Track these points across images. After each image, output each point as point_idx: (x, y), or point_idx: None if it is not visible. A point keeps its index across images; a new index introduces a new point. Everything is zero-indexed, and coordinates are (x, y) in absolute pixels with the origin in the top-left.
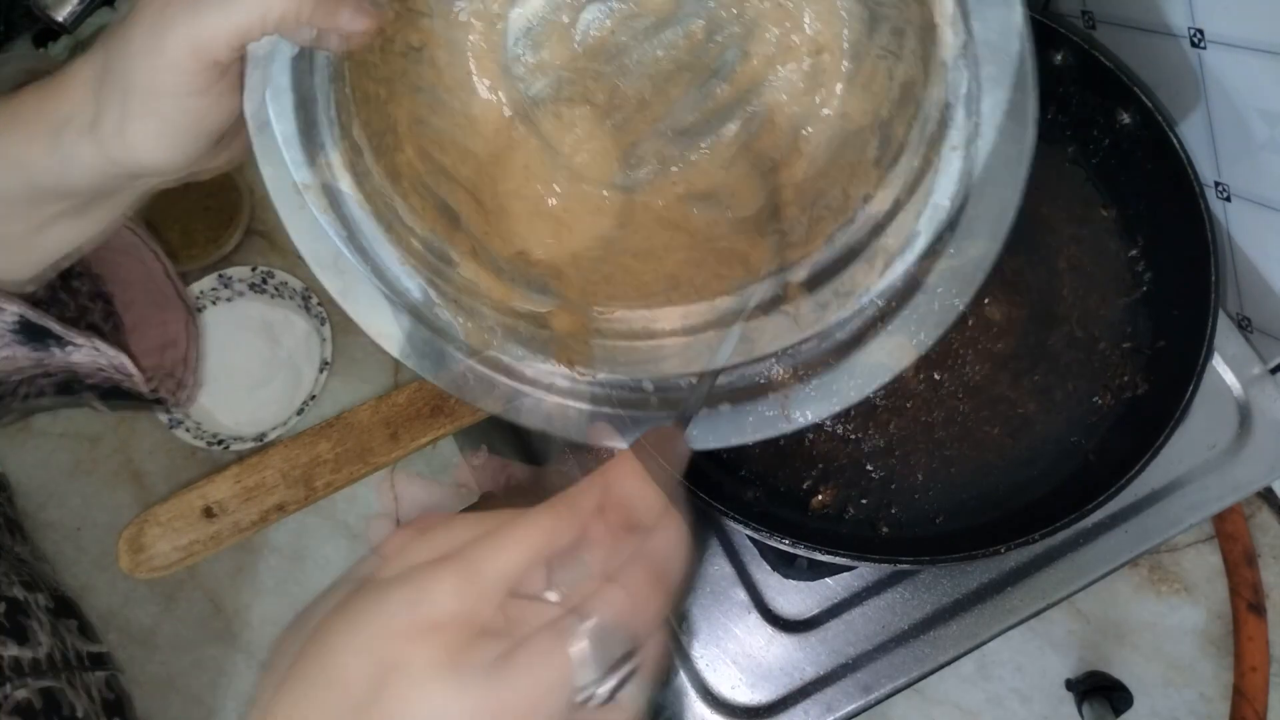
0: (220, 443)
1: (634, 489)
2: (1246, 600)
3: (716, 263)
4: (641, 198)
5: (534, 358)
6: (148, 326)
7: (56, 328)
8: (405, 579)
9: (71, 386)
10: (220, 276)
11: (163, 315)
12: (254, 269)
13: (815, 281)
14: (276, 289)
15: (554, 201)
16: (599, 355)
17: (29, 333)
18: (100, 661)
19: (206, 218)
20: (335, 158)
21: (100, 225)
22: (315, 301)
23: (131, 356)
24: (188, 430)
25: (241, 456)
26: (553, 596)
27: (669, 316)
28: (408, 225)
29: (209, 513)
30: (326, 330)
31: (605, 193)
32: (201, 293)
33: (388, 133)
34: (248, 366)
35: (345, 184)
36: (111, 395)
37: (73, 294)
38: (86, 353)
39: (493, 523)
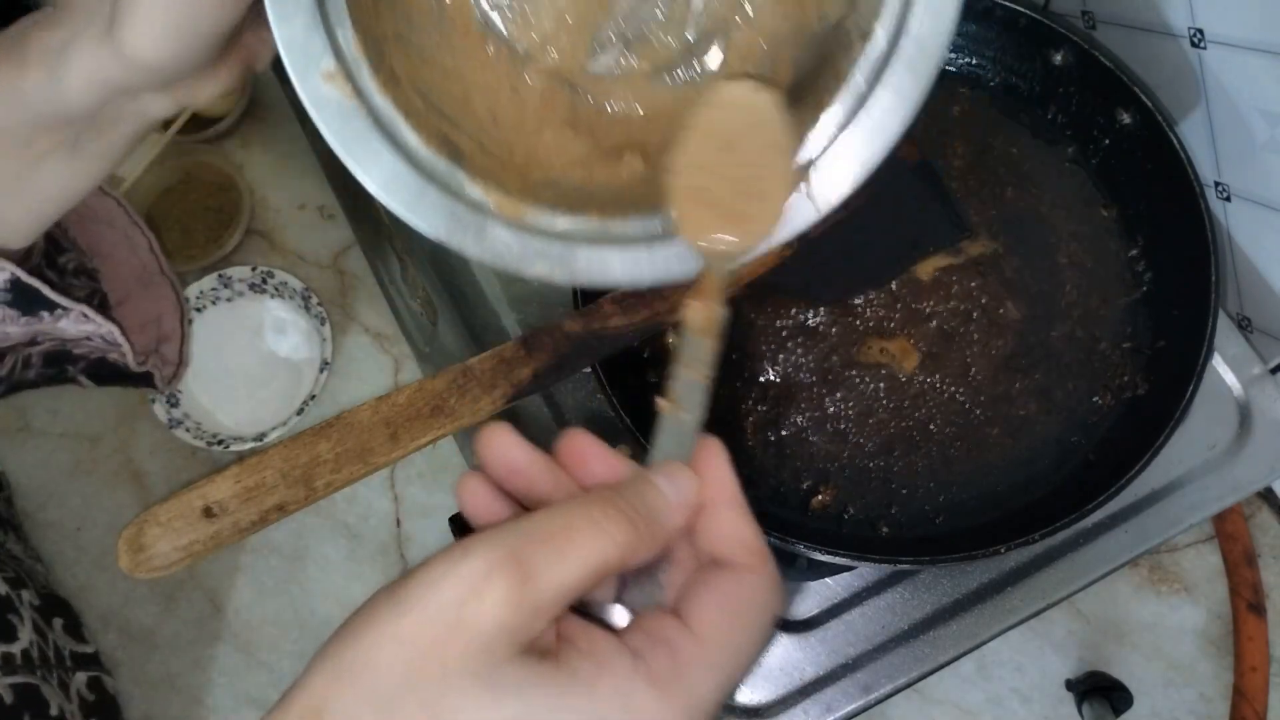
0: (220, 443)
1: (732, 521)
2: (1246, 600)
3: None
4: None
5: (568, 217)
6: (134, 303)
7: (46, 291)
8: (459, 575)
9: (59, 359)
10: (220, 276)
11: (148, 292)
12: (254, 269)
13: (800, 92)
14: (276, 289)
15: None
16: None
17: (20, 297)
18: (87, 662)
19: (206, 218)
20: (352, 45)
21: (92, 168)
22: (315, 301)
23: (120, 327)
24: (188, 430)
25: (241, 456)
26: (619, 614)
27: None
28: (428, 111)
29: (209, 513)
30: (326, 330)
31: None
32: (201, 293)
33: (382, 41)
34: (248, 366)
35: (364, 72)
36: (99, 371)
37: (59, 271)
38: (75, 319)
39: (563, 522)
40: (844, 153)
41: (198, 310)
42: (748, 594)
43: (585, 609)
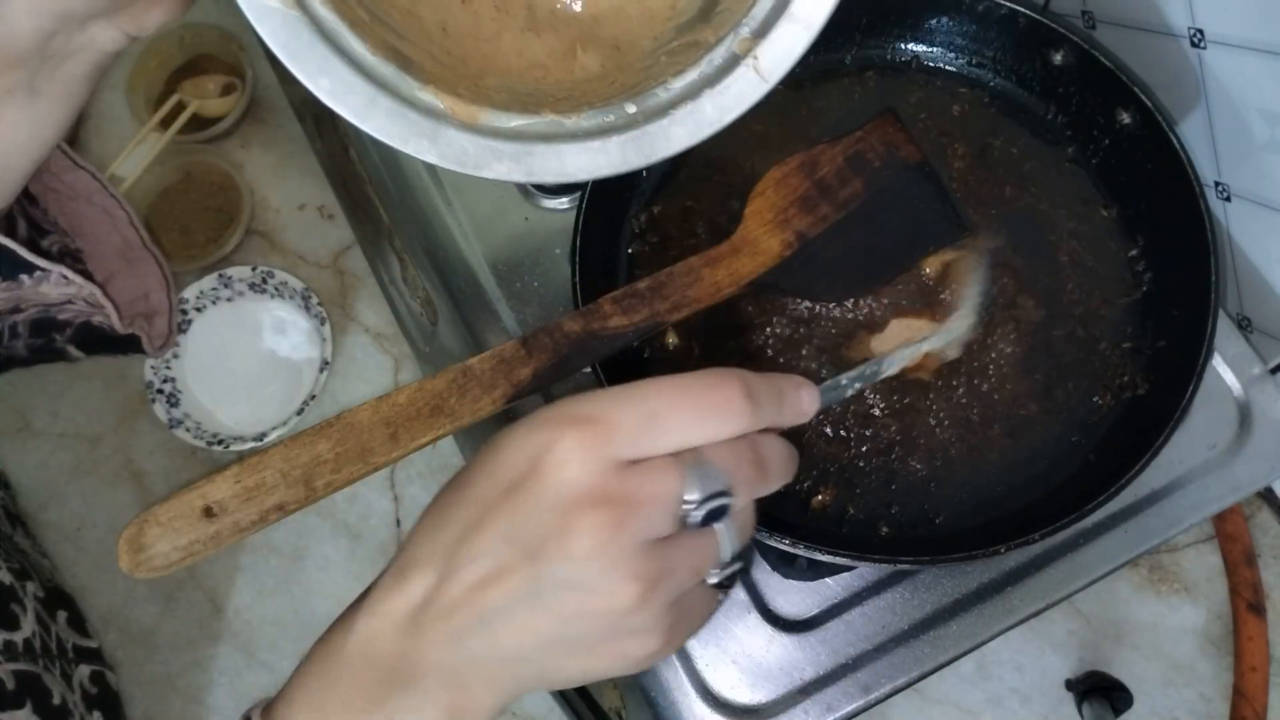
0: (220, 443)
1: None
2: (1246, 600)
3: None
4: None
5: (522, 116)
6: (120, 281)
7: (22, 251)
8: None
9: (46, 326)
10: (220, 276)
11: (133, 269)
12: (254, 269)
13: None
14: (276, 289)
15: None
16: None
17: None
18: (90, 656)
19: (206, 218)
20: None
21: (54, 113)
22: (315, 301)
23: (101, 289)
24: (188, 430)
25: (241, 456)
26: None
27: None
28: (370, 17)
29: (209, 513)
30: (326, 330)
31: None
32: (201, 293)
33: None
34: (248, 366)
35: None
36: (87, 338)
37: (42, 255)
38: (56, 281)
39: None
40: (789, 26)
41: (198, 310)
42: (774, 445)
43: None
